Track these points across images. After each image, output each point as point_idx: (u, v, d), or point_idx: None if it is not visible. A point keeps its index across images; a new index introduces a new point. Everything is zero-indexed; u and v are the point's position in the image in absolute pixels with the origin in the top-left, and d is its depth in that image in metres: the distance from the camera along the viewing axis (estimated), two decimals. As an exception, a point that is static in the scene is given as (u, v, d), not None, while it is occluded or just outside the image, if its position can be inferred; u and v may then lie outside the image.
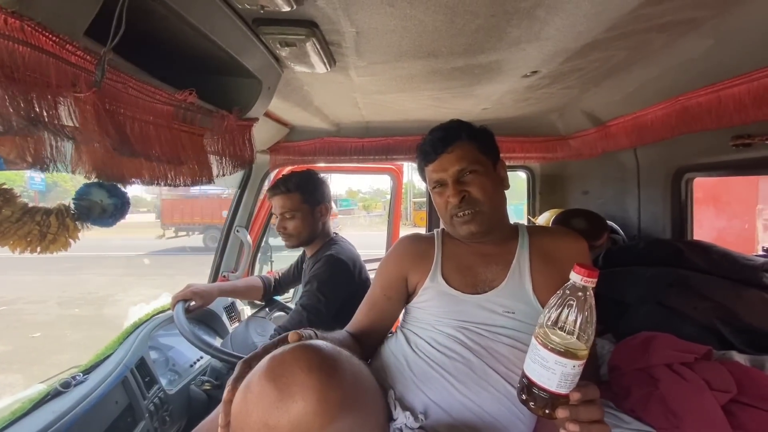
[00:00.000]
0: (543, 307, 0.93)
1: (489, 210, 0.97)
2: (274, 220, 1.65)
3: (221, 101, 0.86)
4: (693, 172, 1.49)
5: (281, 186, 1.58)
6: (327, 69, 0.91)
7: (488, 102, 1.35)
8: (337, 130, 1.96)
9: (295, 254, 2.11)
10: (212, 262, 2.17)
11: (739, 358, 0.91)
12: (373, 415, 0.77)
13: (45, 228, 0.88)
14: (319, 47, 0.79)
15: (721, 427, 0.77)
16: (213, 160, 0.87)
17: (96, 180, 0.81)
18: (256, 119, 0.99)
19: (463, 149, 0.97)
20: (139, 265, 9.87)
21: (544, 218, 1.99)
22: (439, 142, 0.98)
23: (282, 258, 2.85)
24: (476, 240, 1.00)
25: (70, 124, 0.51)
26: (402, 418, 0.86)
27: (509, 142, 1.92)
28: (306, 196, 1.57)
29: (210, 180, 0.88)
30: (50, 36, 0.45)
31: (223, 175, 0.97)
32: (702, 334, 1.03)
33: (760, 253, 1.28)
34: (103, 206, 1.00)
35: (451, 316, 0.95)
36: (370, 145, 1.97)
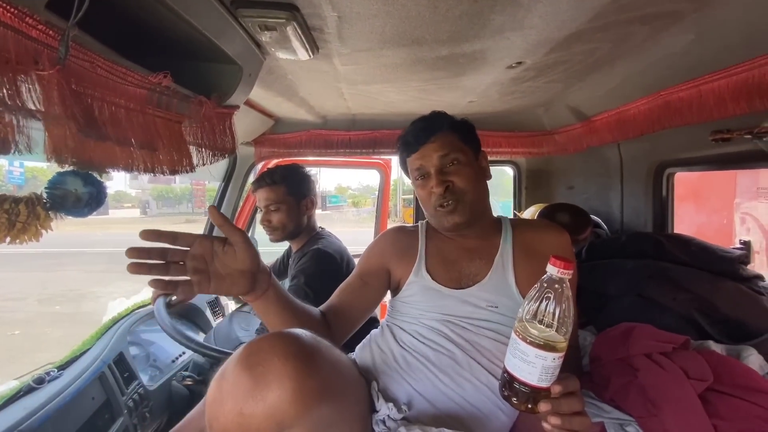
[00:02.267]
0: None
1: (472, 200, 0.96)
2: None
3: (200, 88, 0.84)
4: (674, 167, 1.51)
5: (266, 178, 1.56)
6: (310, 56, 0.90)
7: (474, 94, 1.34)
8: (324, 123, 1.94)
9: (280, 249, 2.09)
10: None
11: (716, 347, 0.92)
12: (354, 405, 0.76)
13: (14, 216, 0.84)
14: (300, 32, 0.77)
15: (698, 414, 0.78)
16: (193, 148, 0.84)
17: (71, 168, 0.79)
18: (236, 107, 0.97)
19: (445, 139, 0.97)
20: (123, 261, 9.66)
21: (530, 213, 2.00)
22: (421, 132, 0.97)
23: (267, 253, 2.81)
24: (460, 231, 0.99)
25: (34, 105, 0.49)
26: (385, 409, 0.85)
27: (496, 137, 1.93)
28: (291, 188, 1.55)
29: (191, 169, 0.86)
30: (8, 8, 0.42)
31: (203, 164, 0.95)
32: (681, 324, 1.04)
33: (737, 245, 1.31)
34: (77, 195, 0.96)
35: (435, 310, 0.95)
36: (357, 138, 1.95)
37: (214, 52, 0.81)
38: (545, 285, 0.60)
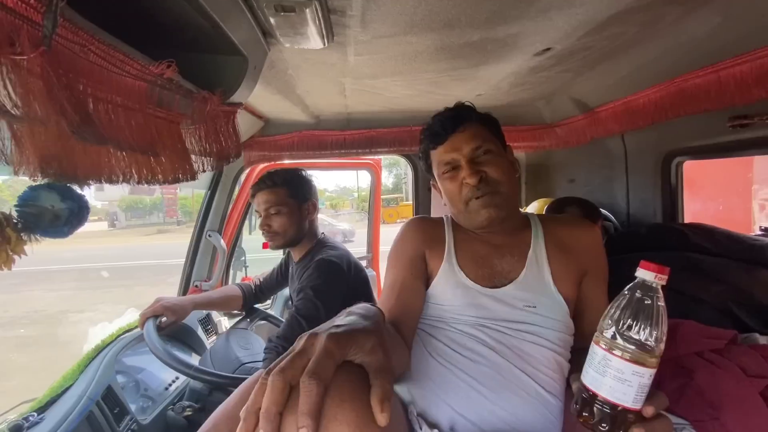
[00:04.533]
0: (564, 300, 0.88)
1: (508, 192, 0.89)
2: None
3: (201, 82, 0.72)
4: (683, 156, 1.49)
5: (266, 180, 1.47)
6: (324, 44, 0.80)
7: (486, 87, 1.27)
8: (317, 123, 1.83)
9: (272, 257, 1.96)
10: (182, 271, 1.98)
11: (764, 340, 0.89)
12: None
13: (-23, 243, 0.70)
14: (320, 14, 0.67)
15: (761, 414, 0.73)
16: (195, 152, 0.73)
17: (44, 181, 0.66)
18: (240, 104, 0.86)
19: (475, 129, 0.90)
20: (93, 278, 9.15)
21: (533, 208, 1.96)
22: (449, 120, 0.90)
23: (257, 260, 2.67)
24: (493, 228, 0.91)
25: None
26: (429, 436, 0.77)
27: None
28: (292, 191, 1.46)
29: (191, 177, 0.74)
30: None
31: (204, 170, 0.83)
32: (717, 317, 1.01)
33: (758, 232, 1.30)
34: (55, 212, 0.82)
35: (468, 312, 0.86)
36: (352, 138, 1.85)
37: (218, 41, 0.69)
38: (638, 292, 0.53)
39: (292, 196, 1.45)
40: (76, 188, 0.83)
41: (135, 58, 0.50)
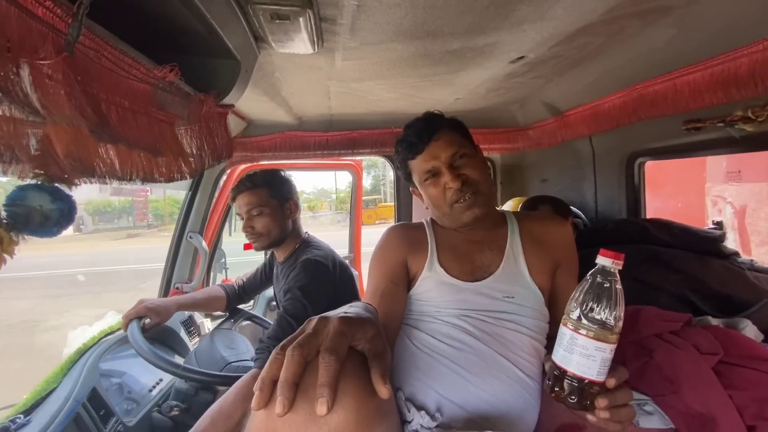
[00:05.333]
0: (540, 290, 0.95)
1: (486, 191, 0.96)
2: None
3: (196, 84, 0.75)
4: (644, 157, 1.61)
5: (246, 182, 1.47)
6: (314, 50, 0.84)
7: (464, 91, 1.34)
8: (299, 124, 1.86)
9: (253, 259, 1.96)
10: (162, 273, 1.95)
11: (715, 322, 0.99)
12: (397, 420, 0.72)
13: (-30, 242, 0.70)
14: (312, 22, 0.71)
15: (714, 387, 0.82)
16: (191, 152, 0.75)
17: (33, 182, 0.67)
18: (231, 106, 0.89)
19: (449, 135, 0.97)
20: (61, 285, 8.73)
21: (509, 206, 2.05)
22: (424, 131, 0.96)
23: (238, 264, 2.65)
24: (475, 225, 0.98)
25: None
26: (417, 418, 0.82)
27: (473, 134, 1.95)
28: (273, 191, 1.47)
29: (189, 175, 0.76)
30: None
31: (197, 170, 0.85)
32: (675, 303, 1.11)
33: (711, 226, 1.42)
34: (44, 213, 0.82)
35: (452, 305, 0.93)
36: (335, 139, 1.89)
37: (213, 45, 0.72)
38: (598, 276, 0.59)
39: (274, 196, 1.46)
40: (65, 189, 0.84)
41: (141, 62, 0.53)
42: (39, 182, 0.72)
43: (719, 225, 1.41)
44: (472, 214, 0.93)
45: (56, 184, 0.79)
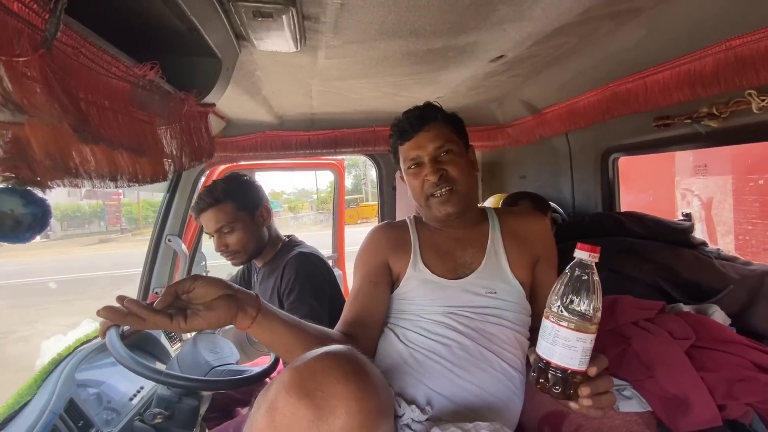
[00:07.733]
0: (521, 285, 0.97)
1: (464, 190, 0.98)
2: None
3: (176, 83, 0.73)
4: (618, 152, 1.67)
5: (206, 198, 1.33)
6: (296, 48, 0.83)
7: (446, 90, 1.36)
8: (280, 123, 1.83)
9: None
10: (140, 277, 1.90)
11: (687, 308, 1.04)
12: (393, 415, 0.73)
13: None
14: (295, 20, 0.71)
15: (687, 370, 0.87)
16: (171, 153, 0.74)
17: (3, 185, 0.64)
18: (213, 105, 0.87)
19: (439, 129, 0.98)
20: (27, 294, 8.33)
21: (490, 202, 2.09)
22: (416, 120, 0.97)
23: (218, 267, 2.60)
24: (451, 222, 1.00)
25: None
26: (408, 412, 0.83)
27: None
28: (240, 202, 1.36)
29: (165, 177, 0.75)
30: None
31: (177, 170, 0.84)
32: (649, 292, 1.16)
33: (680, 218, 1.49)
34: (15, 217, 0.79)
35: (437, 303, 0.94)
36: (317, 138, 1.87)
37: (192, 43, 0.71)
38: (577, 270, 0.61)
39: (241, 208, 1.35)
40: (39, 193, 0.81)
41: (121, 60, 0.52)
42: (10, 185, 0.69)
43: (688, 216, 1.48)
44: (444, 210, 0.95)
45: (28, 188, 0.77)
